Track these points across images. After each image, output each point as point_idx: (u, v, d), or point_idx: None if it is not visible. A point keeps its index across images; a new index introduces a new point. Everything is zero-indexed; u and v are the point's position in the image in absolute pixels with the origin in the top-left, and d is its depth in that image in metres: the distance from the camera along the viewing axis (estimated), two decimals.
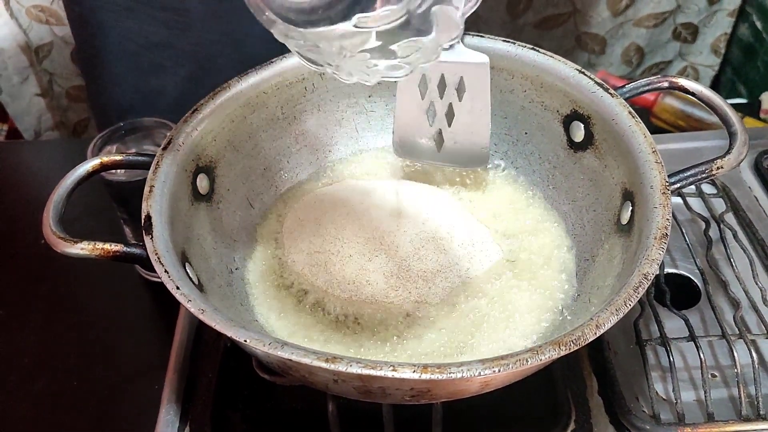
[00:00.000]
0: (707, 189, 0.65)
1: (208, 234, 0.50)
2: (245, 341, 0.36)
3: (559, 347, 0.35)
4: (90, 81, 0.89)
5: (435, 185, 0.58)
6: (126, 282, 0.67)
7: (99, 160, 0.47)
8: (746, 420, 0.48)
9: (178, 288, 0.39)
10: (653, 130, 0.48)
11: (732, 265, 0.57)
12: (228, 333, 0.36)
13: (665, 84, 0.51)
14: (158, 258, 0.41)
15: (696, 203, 0.63)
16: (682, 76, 0.50)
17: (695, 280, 0.60)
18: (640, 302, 0.54)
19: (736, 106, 1.02)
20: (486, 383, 0.39)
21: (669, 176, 0.44)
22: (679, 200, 0.63)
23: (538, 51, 0.53)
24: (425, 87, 0.54)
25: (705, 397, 0.49)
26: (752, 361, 0.49)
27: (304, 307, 0.50)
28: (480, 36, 0.54)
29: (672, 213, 0.42)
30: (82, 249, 0.42)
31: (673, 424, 0.48)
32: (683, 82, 0.50)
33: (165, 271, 0.40)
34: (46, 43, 1.22)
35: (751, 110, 1.01)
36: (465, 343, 0.47)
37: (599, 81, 0.50)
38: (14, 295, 0.67)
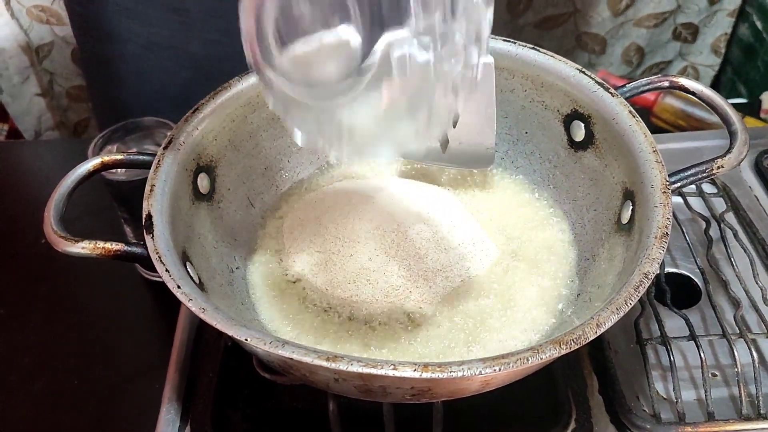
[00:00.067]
0: (708, 188, 0.65)
1: (209, 233, 0.50)
2: (246, 340, 0.36)
3: (560, 346, 0.35)
4: (91, 81, 0.90)
5: (436, 185, 0.58)
6: (126, 281, 0.67)
7: (100, 160, 0.47)
8: (747, 419, 0.48)
9: (179, 287, 0.39)
10: (654, 130, 0.48)
11: (732, 265, 0.57)
12: (229, 332, 0.36)
13: (666, 83, 0.51)
14: (159, 257, 0.41)
15: (696, 203, 0.64)
16: (683, 76, 0.50)
17: (696, 280, 0.60)
18: (641, 301, 0.54)
19: (737, 106, 1.02)
20: (486, 382, 0.39)
21: (669, 175, 0.45)
22: (680, 200, 0.63)
23: (539, 50, 0.53)
24: None
25: (705, 397, 0.49)
26: (753, 361, 0.49)
27: (305, 307, 0.50)
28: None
29: (672, 212, 0.42)
30: (83, 248, 0.42)
31: (674, 423, 0.48)
32: (683, 82, 0.50)
33: (166, 270, 0.40)
34: (47, 43, 1.22)
35: (752, 110, 1.01)
36: (465, 343, 0.47)
37: (600, 80, 0.50)
38: (15, 295, 0.67)
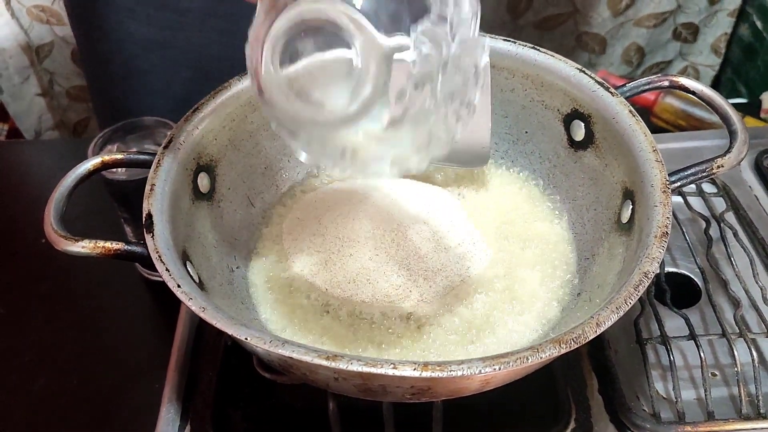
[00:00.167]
0: (708, 188, 0.65)
1: (209, 232, 0.50)
2: (246, 339, 0.36)
3: (560, 345, 0.35)
4: (92, 81, 0.90)
5: (435, 184, 0.58)
6: (126, 281, 0.67)
7: (100, 159, 0.47)
8: (746, 419, 0.48)
9: (179, 286, 0.39)
10: (654, 130, 0.48)
11: (732, 264, 0.57)
12: (229, 331, 0.36)
13: (666, 83, 0.50)
14: (159, 256, 0.41)
15: (696, 202, 0.64)
16: (683, 76, 0.50)
17: (695, 279, 0.60)
18: (641, 301, 0.54)
19: (737, 106, 1.02)
20: (486, 381, 0.39)
21: (669, 175, 0.45)
22: (680, 199, 0.63)
23: (539, 50, 0.53)
24: None
25: (705, 396, 0.49)
26: (752, 360, 0.49)
27: (305, 306, 0.50)
28: (480, 35, 0.54)
29: (672, 212, 0.42)
30: (83, 247, 0.42)
31: (674, 423, 0.48)
32: (684, 81, 0.50)
33: (166, 270, 0.40)
34: (47, 43, 1.22)
35: (752, 110, 1.01)
36: (465, 342, 0.47)
37: (600, 80, 0.50)
38: (15, 294, 0.67)
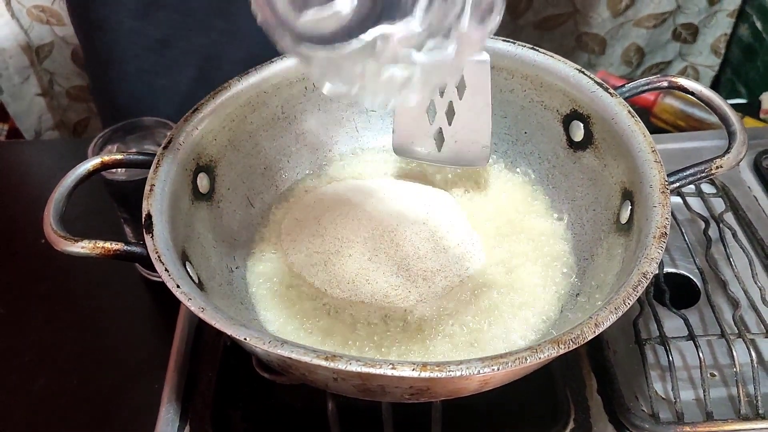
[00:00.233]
0: (707, 189, 0.65)
1: (209, 233, 0.50)
2: (245, 339, 0.36)
3: (558, 346, 0.35)
4: (94, 81, 0.90)
5: (434, 185, 0.58)
6: (126, 281, 0.67)
7: (99, 159, 0.47)
8: (745, 419, 0.48)
9: (179, 286, 0.39)
10: (653, 130, 0.48)
11: (731, 265, 0.57)
12: (228, 331, 0.36)
13: (665, 83, 0.51)
14: (158, 256, 0.41)
15: (695, 203, 0.64)
16: (682, 76, 0.50)
17: (694, 280, 0.60)
18: (640, 301, 0.54)
19: (736, 107, 1.03)
20: (485, 382, 0.39)
21: (668, 175, 0.45)
22: (679, 200, 0.63)
23: (538, 51, 0.53)
24: None
25: (704, 396, 0.49)
26: (751, 361, 0.49)
27: (304, 307, 0.50)
28: None
29: (671, 212, 0.42)
30: (83, 247, 0.42)
31: (672, 423, 0.48)
32: (683, 82, 0.50)
33: (165, 270, 0.40)
34: (47, 43, 1.22)
35: (751, 110, 1.01)
36: (464, 342, 0.47)
37: (599, 80, 0.51)
38: (14, 294, 0.67)
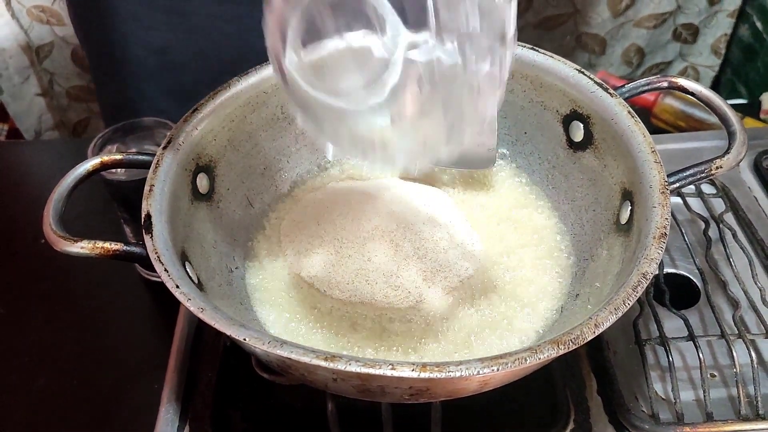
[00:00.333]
0: (707, 189, 0.65)
1: (208, 233, 0.50)
2: (244, 340, 0.36)
3: (558, 346, 0.35)
4: (97, 83, 0.90)
5: (434, 185, 0.58)
6: (126, 281, 0.67)
7: (99, 160, 0.47)
8: (745, 420, 0.48)
9: (178, 287, 0.39)
10: (653, 131, 0.48)
11: (731, 265, 0.57)
12: (227, 331, 0.36)
13: (665, 84, 0.51)
14: (158, 257, 0.41)
15: (695, 203, 0.64)
16: (682, 77, 0.50)
17: (694, 280, 0.60)
18: (640, 302, 0.54)
19: (737, 107, 1.03)
20: (485, 382, 0.39)
21: (668, 176, 0.44)
22: (679, 200, 0.63)
23: (538, 51, 0.53)
24: None
25: (704, 397, 0.49)
26: (751, 361, 0.49)
27: (304, 307, 0.50)
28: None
29: (671, 213, 0.42)
30: (83, 248, 0.42)
31: (672, 424, 0.48)
32: (683, 82, 0.50)
33: (165, 270, 0.40)
34: (47, 43, 1.22)
35: (751, 111, 1.01)
36: (464, 343, 0.47)
37: (599, 81, 0.50)
38: (14, 294, 0.67)
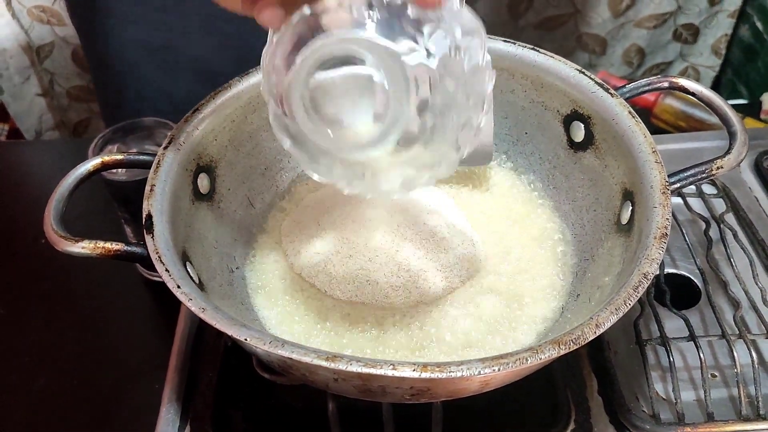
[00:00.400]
0: (707, 189, 0.65)
1: (209, 233, 0.50)
2: (246, 340, 0.36)
3: (559, 346, 0.35)
4: (96, 83, 0.90)
5: (435, 186, 0.58)
6: (126, 281, 0.67)
7: (100, 160, 0.47)
8: (746, 420, 0.48)
9: (179, 287, 0.39)
10: (654, 131, 0.48)
11: (732, 266, 0.57)
12: (228, 332, 0.36)
13: (665, 84, 0.51)
14: (159, 257, 0.41)
15: (696, 203, 0.64)
16: (683, 77, 0.50)
17: (695, 280, 0.60)
18: (640, 302, 0.54)
19: (737, 107, 1.02)
20: (486, 382, 0.39)
21: (669, 176, 0.45)
22: (680, 200, 0.63)
23: (539, 51, 0.53)
24: None
25: (705, 397, 0.49)
26: (752, 361, 0.49)
27: (305, 307, 0.50)
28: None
29: (672, 213, 0.42)
30: (84, 248, 0.42)
31: (673, 424, 0.48)
32: (683, 83, 0.50)
33: (166, 270, 0.40)
34: (48, 43, 1.22)
35: (752, 111, 1.01)
36: (465, 343, 0.47)
37: (599, 81, 0.50)
38: (14, 294, 0.67)
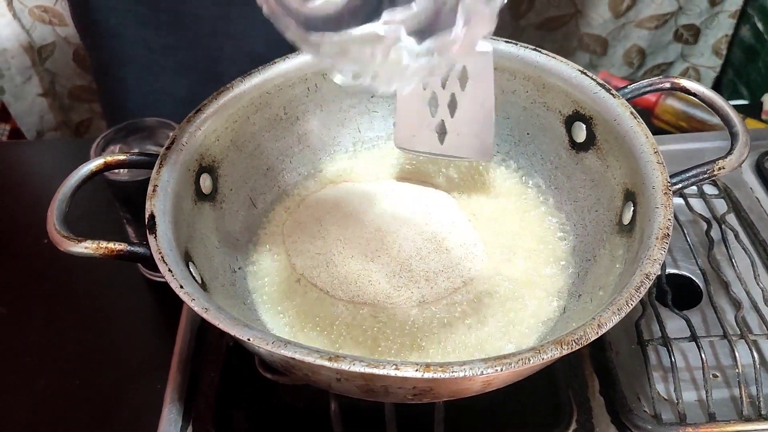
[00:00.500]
0: (709, 190, 0.65)
1: (212, 233, 0.50)
2: (248, 340, 0.36)
3: (561, 346, 0.35)
4: (99, 83, 0.90)
5: (436, 187, 0.58)
6: (129, 281, 0.67)
7: (102, 160, 0.47)
8: (747, 420, 0.48)
9: (182, 287, 0.39)
10: (655, 131, 0.48)
11: (733, 266, 0.57)
12: (231, 331, 0.36)
13: (667, 85, 0.51)
14: (162, 257, 0.41)
15: (698, 204, 0.64)
16: (684, 77, 0.50)
17: (697, 281, 0.60)
18: (642, 302, 0.54)
19: (738, 108, 1.02)
20: (488, 382, 0.39)
21: (670, 177, 0.45)
22: (681, 201, 0.63)
23: (540, 52, 0.53)
24: None
25: (706, 397, 0.49)
26: (753, 362, 0.49)
27: (307, 307, 0.50)
28: None
29: (674, 213, 0.42)
30: (86, 248, 0.42)
31: (675, 424, 0.48)
32: (685, 83, 0.50)
33: (168, 270, 0.40)
34: (49, 44, 1.22)
35: (753, 111, 1.01)
36: (466, 343, 0.47)
37: (601, 82, 0.51)
38: (16, 294, 0.67)
